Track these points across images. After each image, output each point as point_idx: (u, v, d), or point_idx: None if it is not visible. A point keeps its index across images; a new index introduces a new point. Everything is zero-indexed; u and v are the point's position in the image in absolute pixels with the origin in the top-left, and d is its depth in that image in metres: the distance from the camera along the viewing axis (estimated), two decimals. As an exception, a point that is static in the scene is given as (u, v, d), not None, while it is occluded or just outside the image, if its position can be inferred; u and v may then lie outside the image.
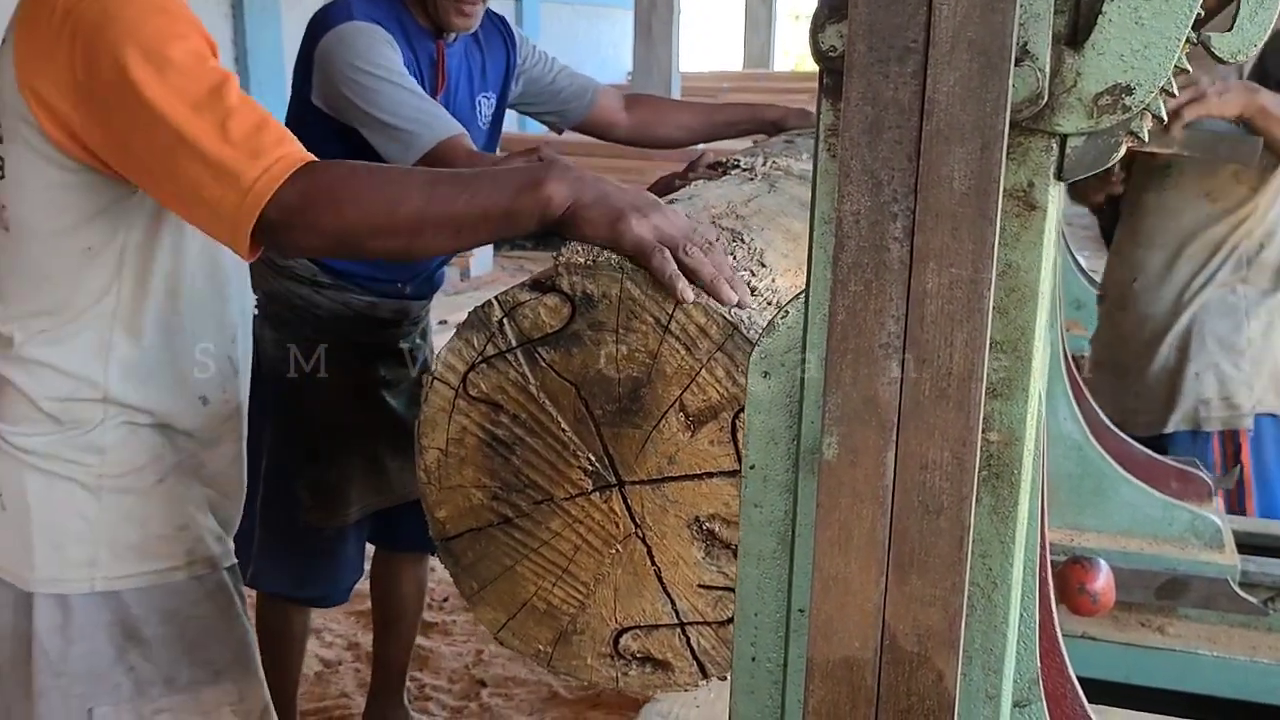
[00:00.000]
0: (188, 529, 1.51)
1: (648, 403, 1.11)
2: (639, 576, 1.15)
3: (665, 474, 1.11)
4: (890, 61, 0.75)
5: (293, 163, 1.21)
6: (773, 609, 0.98)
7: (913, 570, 0.79)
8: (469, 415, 1.16)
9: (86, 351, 1.39)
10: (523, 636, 1.22)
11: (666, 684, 1.17)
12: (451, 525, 1.21)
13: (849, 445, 0.79)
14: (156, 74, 1.22)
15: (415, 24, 2.30)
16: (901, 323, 0.77)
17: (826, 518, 0.80)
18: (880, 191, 0.76)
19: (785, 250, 1.31)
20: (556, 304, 1.12)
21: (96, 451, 1.42)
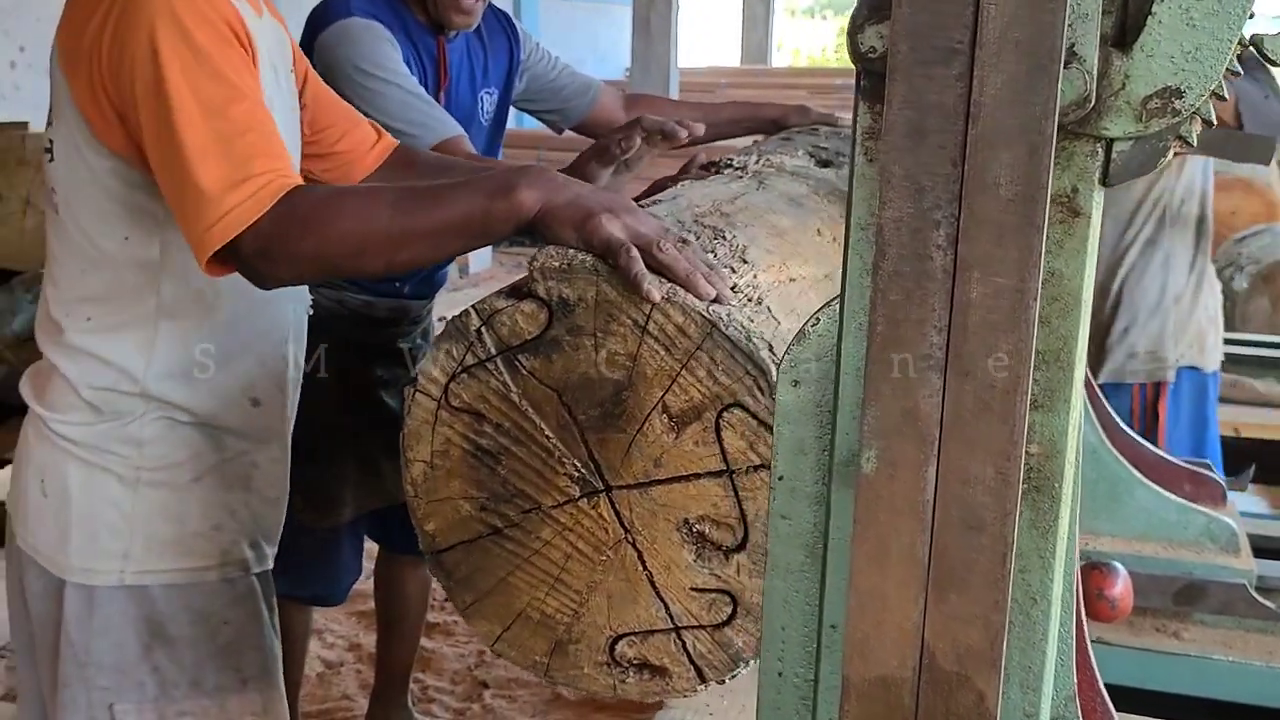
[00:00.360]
0: (223, 530, 1.49)
1: (630, 406, 1.09)
2: (632, 582, 1.13)
3: (652, 477, 1.10)
4: (934, 63, 0.72)
5: (274, 191, 1.21)
6: (800, 623, 0.96)
7: (952, 588, 0.77)
8: (452, 426, 1.16)
9: (129, 345, 1.39)
10: (519, 647, 1.21)
11: (664, 690, 1.16)
12: (441, 538, 1.20)
13: (888, 459, 0.77)
14: (183, 61, 1.23)
15: (415, 21, 2.27)
16: (944, 334, 0.75)
17: (864, 533, 0.78)
18: (922, 198, 0.74)
19: (769, 246, 1.29)
20: (533, 310, 1.11)
21: (135, 444, 1.42)
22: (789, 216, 1.45)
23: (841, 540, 0.86)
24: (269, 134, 1.26)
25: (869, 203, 0.83)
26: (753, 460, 1.05)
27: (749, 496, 1.06)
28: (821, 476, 0.94)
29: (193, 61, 1.23)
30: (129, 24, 1.24)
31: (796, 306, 1.19)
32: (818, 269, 1.35)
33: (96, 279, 1.38)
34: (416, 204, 1.21)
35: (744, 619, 1.09)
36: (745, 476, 1.06)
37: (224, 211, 1.20)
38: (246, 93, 1.26)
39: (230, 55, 1.26)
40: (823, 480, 0.94)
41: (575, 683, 1.20)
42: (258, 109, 1.27)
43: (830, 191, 1.67)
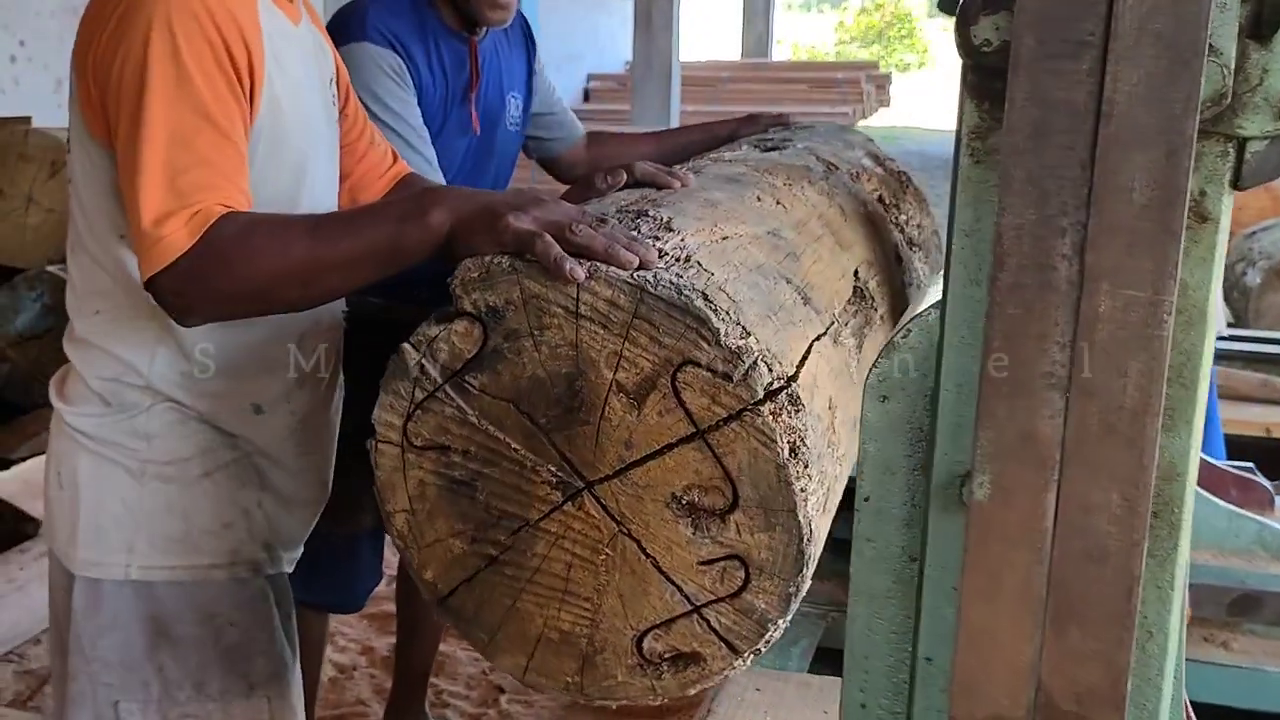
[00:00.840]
0: (233, 528, 1.45)
1: (586, 395, 1.06)
2: (638, 574, 1.09)
3: (627, 461, 1.05)
4: (1063, 57, 0.67)
5: (202, 222, 1.20)
6: (885, 653, 0.91)
7: (1072, 623, 0.71)
8: (421, 466, 1.14)
9: (134, 340, 1.38)
10: (547, 673, 1.16)
11: (703, 676, 1.11)
12: (442, 583, 1.17)
13: (1002, 485, 0.71)
14: (165, 79, 1.23)
15: (442, 25, 2.18)
16: (1067, 350, 0.69)
17: (975, 564, 0.72)
18: (1047, 203, 0.68)
19: (699, 215, 1.25)
20: (466, 327, 1.09)
21: (142, 437, 1.40)
22: (724, 192, 1.41)
23: (940, 568, 0.81)
24: (228, 165, 1.25)
25: (974, 208, 0.78)
26: (719, 414, 1.01)
27: (727, 453, 1.01)
28: (911, 498, 0.88)
29: (174, 82, 1.23)
30: (126, 28, 1.24)
31: (732, 260, 1.15)
32: (756, 227, 1.31)
33: (103, 273, 1.37)
34: (329, 232, 1.21)
35: (759, 579, 1.04)
36: (717, 433, 1.02)
37: (156, 240, 1.20)
38: (219, 122, 1.25)
39: (214, 79, 1.25)
40: (913, 502, 0.88)
41: (612, 694, 1.15)
42: (225, 142, 1.25)
43: (772, 166, 1.62)
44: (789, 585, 1.02)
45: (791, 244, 1.33)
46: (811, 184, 1.61)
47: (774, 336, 1.06)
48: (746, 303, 1.07)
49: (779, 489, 1.00)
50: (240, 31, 1.28)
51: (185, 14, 1.24)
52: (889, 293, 1.55)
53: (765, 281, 1.16)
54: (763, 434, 0.99)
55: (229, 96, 1.26)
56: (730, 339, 1.00)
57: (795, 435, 1.00)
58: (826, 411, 1.10)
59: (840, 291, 1.35)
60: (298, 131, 1.40)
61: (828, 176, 1.70)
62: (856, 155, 1.98)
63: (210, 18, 1.25)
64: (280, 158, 1.36)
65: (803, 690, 1.68)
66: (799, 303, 1.19)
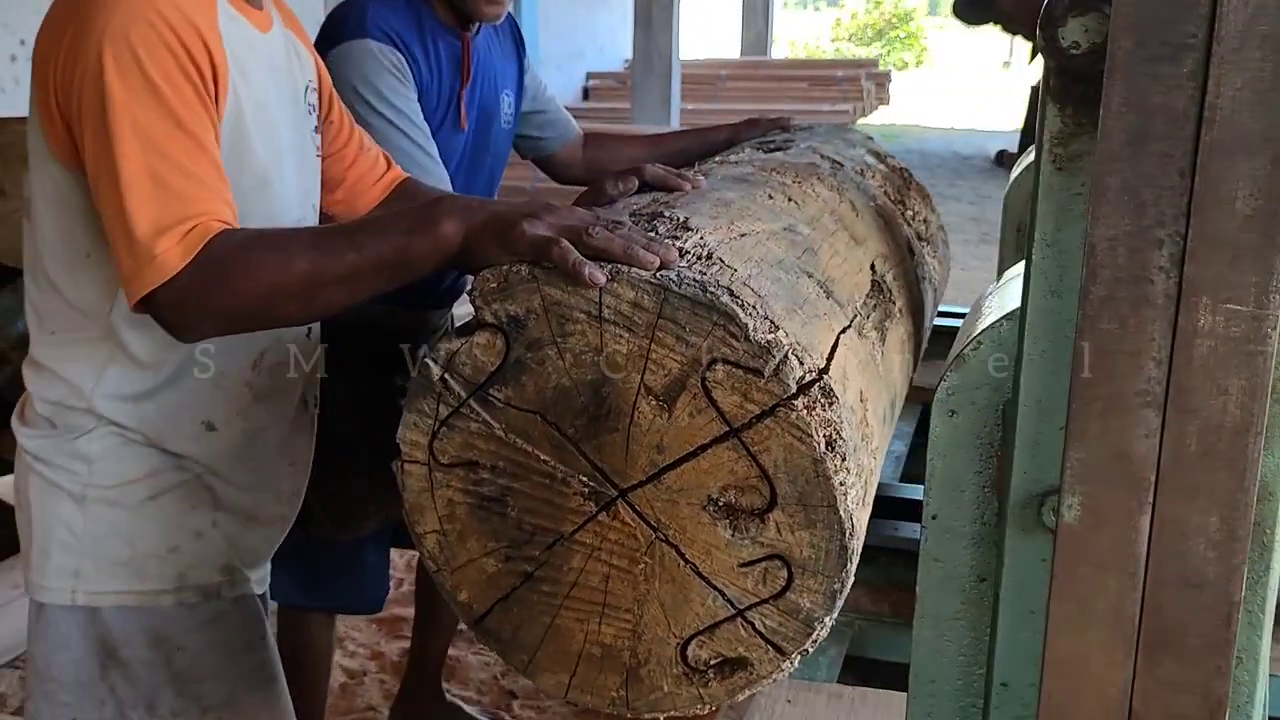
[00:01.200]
0: (181, 552, 1.41)
1: (613, 401, 1.03)
2: (679, 581, 1.06)
3: (660, 465, 1.02)
4: (1162, 60, 0.64)
5: (199, 237, 1.17)
6: (953, 676, 0.88)
7: (1167, 652, 0.68)
8: (450, 485, 1.11)
9: (82, 361, 1.33)
10: (592, 690, 1.13)
11: (751, 681, 1.08)
12: (478, 604, 1.14)
13: (1094, 508, 0.68)
14: (128, 87, 1.18)
15: (438, 22, 2.15)
16: (1164, 367, 0.66)
17: (1063, 589, 0.69)
18: (1143, 213, 0.65)
19: (713, 214, 1.22)
20: (488, 339, 1.06)
21: (84, 460, 1.36)
22: (735, 191, 1.38)
23: (1017, 590, 0.78)
24: (208, 175, 1.20)
25: (1056, 217, 0.75)
26: (751, 411, 0.98)
27: (762, 450, 0.98)
28: (981, 516, 0.85)
29: (139, 90, 1.18)
30: (82, 37, 1.19)
31: (753, 255, 1.12)
32: (772, 224, 1.28)
33: (59, 295, 1.32)
34: (332, 243, 1.18)
35: (803, 578, 1.01)
36: (751, 430, 0.99)
37: (150, 257, 1.16)
38: (192, 130, 1.20)
39: (181, 87, 1.20)
40: (982, 520, 0.85)
41: (660, 707, 1.12)
42: (201, 152, 1.21)
43: (780, 166, 1.60)
44: (833, 582, 0.99)
45: (808, 239, 1.30)
46: (821, 180, 1.58)
47: (801, 330, 1.03)
48: (772, 297, 1.04)
49: (817, 484, 0.97)
50: (200, 37, 1.23)
51: (140, 23, 1.20)
52: (905, 286, 1.53)
53: (787, 276, 1.14)
54: (797, 428, 0.96)
55: (197, 103, 1.22)
56: (759, 334, 0.97)
57: (831, 428, 0.97)
58: (859, 404, 1.07)
59: (860, 285, 1.33)
60: (261, 142, 1.36)
61: (835, 173, 1.68)
62: (859, 153, 1.95)
63: (167, 24, 1.21)
64: (241, 169, 1.32)
65: (834, 702, 1.65)
66: (821, 296, 1.16)
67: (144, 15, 1.20)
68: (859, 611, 1.98)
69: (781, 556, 1.01)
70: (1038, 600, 0.77)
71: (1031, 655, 0.78)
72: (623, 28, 12.60)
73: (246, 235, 1.19)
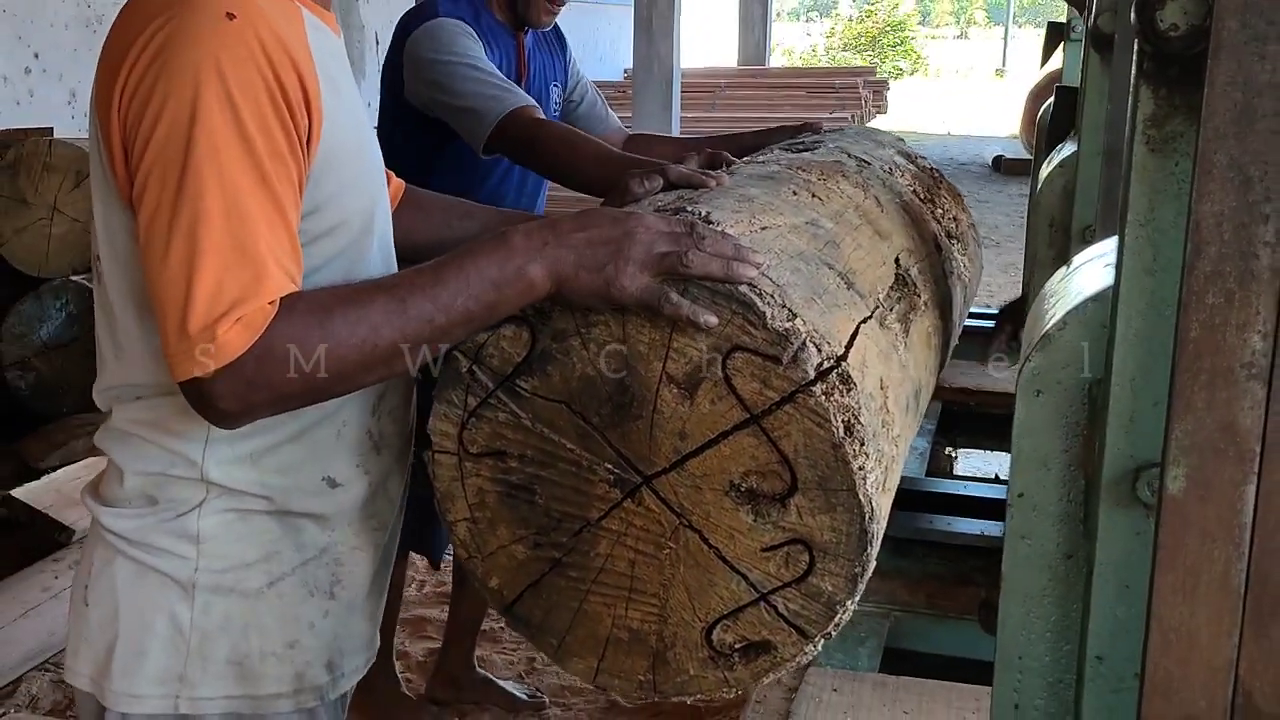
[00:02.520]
0: (299, 648, 1.24)
1: (636, 389, 1.06)
2: (703, 566, 1.09)
3: (683, 452, 1.05)
4: (1269, 39, 0.65)
5: (266, 316, 1.03)
6: (1041, 653, 0.89)
7: (1275, 621, 0.70)
8: (479, 474, 1.14)
9: (183, 422, 1.16)
10: (620, 674, 1.16)
11: (775, 665, 1.10)
12: (508, 590, 1.17)
13: (1199, 479, 0.70)
14: (214, 137, 1.03)
15: (494, 20, 2.34)
16: (1270, 340, 0.68)
17: (1170, 560, 0.71)
18: (1250, 189, 0.67)
19: (736, 209, 1.25)
20: (514, 331, 1.09)
21: (193, 540, 1.19)
22: (760, 188, 1.40)
23: (1112, 566, 0.79)
24: (282, 246, 1.06)
25: (1150, 197, 0.76)
26: (771, 398, 1.01)
27: (782, 436, 1.01)
28: (1067, 494, 0.87)
29: (229, 137, 1.04)
30: (164, 71, 1.04)
31: (773, 247, 1.15)
32: (794, 218, 1.31)
33: (142, 354, 1.17)
34: (419, 309, 1.07)
35: (824, 562, 1.03)
36: (771, 417, 1.02)
37: (209, 337, 1.01)
38: (275, 186, 1.06)
39: (273, 134, 1.06)
40: (1068, 498, 0.87)
41: (686, 690, 1.14)
42: (278, 214, 1.06)
43: (805, 164, 1.62)
44: (854, 565, 1.02)
45: (830, 233, 1.32)
46: (846, 178, 1.61)
47: (820, 319, 1.06)
48: (790, 287, 1.07)
49: (837, 468, 0.99)
50: (294, 65, 1.08)
51: (239, 55, 1.04)
52: (931, 280, 1.55)
53: (807, 267, 1.16)
54: (816, 414, 0.99)
55: (287, 156, 1.07)
56: (777, 322, 1.00)
57: (849, 414, 1.00)
58: (879, 391, 1.10)
59: (882, 278, 1.35)
60: (362, 164, 1.22)
61: (861, 171, 1.71)
62: (888, 153, 1.98)
63: (266, 57, 1.06)
64: (350, 198, 1.19)
65: (879, 690, 1.66)
66: (842, 287, 1.19)
67: (243, 45, 1.05)
68: (896, 603, 2.00)
69: (803, 540, 1.03)
70: (1132, 574, 0.79)
71: (1127, 629, 0.79)
72: (622, 38, 12.63)
73: (312, 306, 1.05)
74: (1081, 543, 0.85)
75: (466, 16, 2.26)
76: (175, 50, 1.04)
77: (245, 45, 1.04)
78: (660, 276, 1.04)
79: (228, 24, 1.04)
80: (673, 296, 1.02)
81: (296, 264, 1.08)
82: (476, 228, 1.49)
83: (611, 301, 1.05)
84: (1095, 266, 0.92)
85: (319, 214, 1.13)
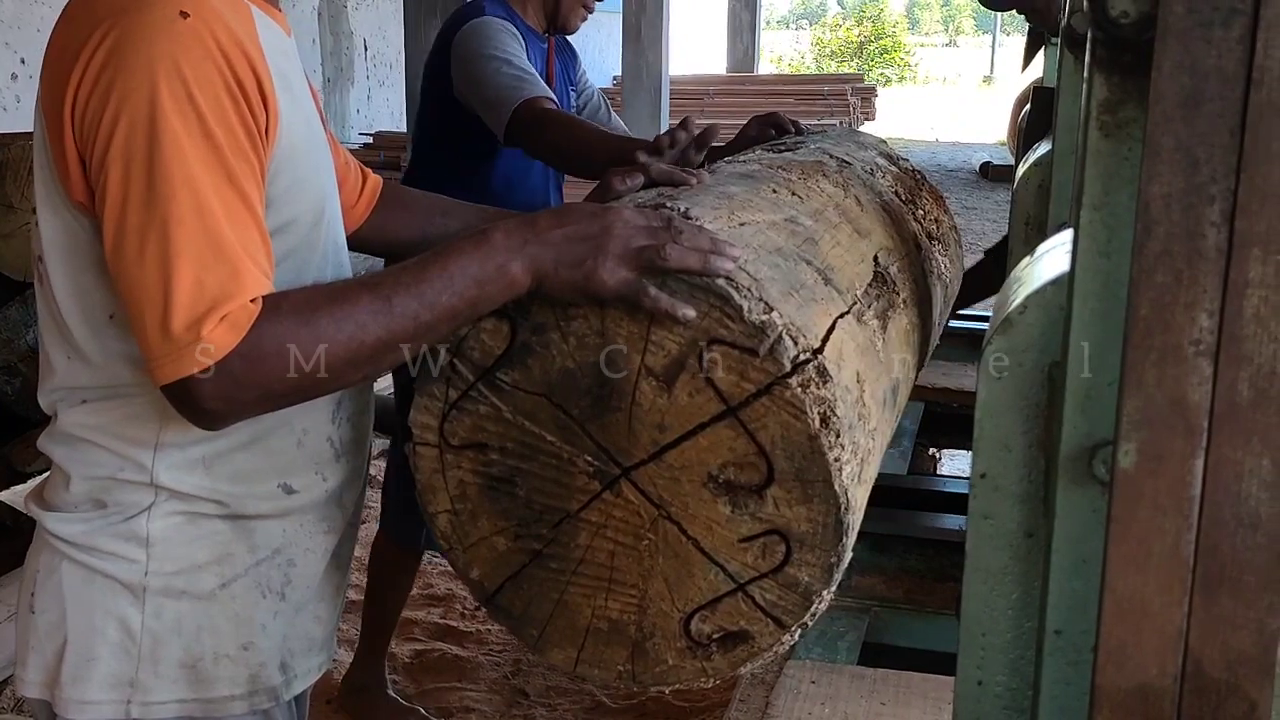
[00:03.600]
0: (253, 649, 1.23)
1: (615, 381, 1.07)
2: (681, 557, 1.11)
3: (661, 444, 1.07)
4: (1214, 25, 0.67)
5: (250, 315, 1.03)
6: (1004, 629, 0.91)
7: (1223, 589, 0.72)
8: (460, 466, 1.15)
9: (132, 425, 1.15)
10: (599, 664, 1.18)
11: (752, 654, 1.12)
12: (489, 581, 1.19)
13: (1150, 453, 0.72)
14: (177, 133, 1.02)
15: (525, 24, 2.48)
16: (1216, 317, 0.70)
17: (1122, 533, 0.73)
18: (1197, 170, 0.69)
19: (715, 205, 1.26)
20: (494, 324, 1.11)
21: (141, 543, 1.17)
22: (740, 186, 1.42)
23: (1069, 541, 0.81)
24: (252, 242, 1.06)
25: (1104, 181, 0.78)
26: (748, 390, 1.03)
27: (759, 427, 1.03)
28: (1028, 474, 0.89)
29: (195, 136, 1.03)
30: (120, 71, 1.03)
31: (751, 243, 1.16)
32: (773, 215, 1.32)
33: (87, 358, 1.15)
34: (403, 306, 1.07)
35: (800, 552, 1.06)
36: (748, 408, 1.04)
37: (194, 338, 1.01)
38: (241, 183, 1.06)
39: (234, 130, 1.06)
40: (1029, 478, 0.89)
41: (665, 679, 1.16)
42: (245, 210, 1.06)
43: (786, 164, 1.64)
44: (830, 555, 1.04)
45: (809, 230, 1.34)
46: (826, 177, 1.63)
47: (797, 312, 1.08)
48: (768, 281, 1.09)
49: (813, 459, 1.02)
50: (249, 61, 1.08)
51: (196, 53, 1.04)
52: (910, 278, 1.57)
53: (785, 263, 1.18)
54: (793, 406, 1.01)
55: (249, 151, 1.07)
56: (754, 315, 1.01)
57: (825, 406, 1.02)
58: (855, 384, 1.12)
59: (861, 274, 1.37)
60: (313, 161, 1.22)
61: (842, 170, 1.73)
62: (870, 155, 2.00)
63: (222, 53, 1.05)
64: (301, 195, 1.19)
65: (858, 681, 1.68)
66: (820, 282, 1.21)
67: (199, 43, 1.04)
68: (876, 599, 2.02)
69: (780, 531, 1.05)
70: (1089, 549, 0.80)
71: (1083, 603, 0.81)
72: (610, 46, 12.66)
73: (298, 304, 1.06)
74: (1042, 522, 0.87)
75: (506, 17, 2.42)
76: (130, 51, 1.03)
77: (201, 43, 1.04)
78: (639, 271, 1.05)
79: (182, 23, 1.04)
80: (651, 290, 1.04)
81: (269, 261, 1.08)
82: (457, 225, 1.51)
83: (591, 296, 1.06)
84: (1058, 252, 0.94)
85: (272, 209, 1.13)
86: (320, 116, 1.30)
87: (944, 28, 68.49)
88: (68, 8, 1.11)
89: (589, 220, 1.10)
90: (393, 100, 10.35)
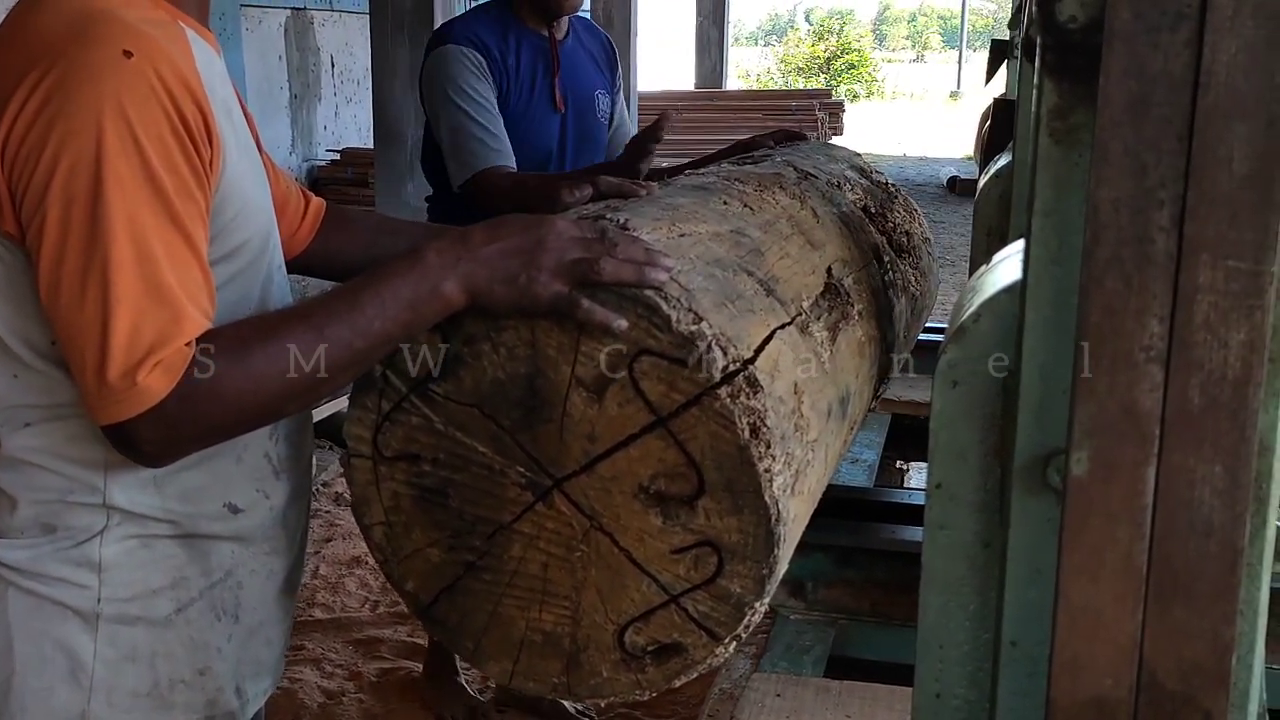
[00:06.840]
0: (209, 674, 1.21)
1: (546, 393, 1.07)
2: (614, 568, 1.10)
3: (592, 455, 1.07)
4: (1161, 29, 0.67)
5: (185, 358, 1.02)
6: (961, 640, 0.90)
7: (1176, 599, 0.71)
8: (394, 478, 1.16)
9: (80, 445, 1.13)
10: (534, 676, 1.17)
11: (686, 666, 1.12)
12: (424, 593, 1.18)
13: (1103, 460, 0.71)
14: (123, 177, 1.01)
15: (521, 25, 2.51)
16: (1167, 323, 0.69)
17: (1075, 541, 0.72)
18: (1145, 176, 0.68)
19: (657, 216, 1.27)
20: (427, 336, 1.11)
21: (92, 568, 1.14)
22: (689, 198, 1.42)
23: (1025, 552, 0.80)
24: (193, 284, 1.06)
25: (1054, 188, 0.78)
26: (678, 400, 1.03)
27: (689, 438, 1.03)
28: (984, 484, 0.88)
29: (138, 178, 1.02)
30: (62, 108, 1.01)
31: (688, 253, 1.16)
32: (718, 226, 1.32)
33: (28, 381, 1.13)
34: (337, 334, 1.07)
35: (732, 564, 1.05)
36: (677, 419, 1.03)
37: (129, 384, 1.01)
38: (184, 224, 1.05)
39: (178, 169, 1.04)
40: (985, 487, 0.88)
41: (600, 692, 1.16)
42: (188, 251, 1.05)
43: (744, 175, 1.64)
44: (762, 567, 1.03)
45: (756, 241, 1.34)
46: (784, 189, 1.63)
47: (729, 323, 1.07)
48: (700, 291, 1.08)
49: (742, 470, 1.01)
50: (194, 98, 1.07)
51: (140, 93, 1.02)
52: (868, 290, 1.57)
53: (723, 273, 1.18)
54: (722, 416, 1.00)
55: (195, 189, 1.06)
56: (682, 325, 1.01)
57: (755, 416, 1.02)
58: (791, 395, 1.11)
59: (810, 286, 1.37)
60: (255, 184, 1.20)
61: (800, 183, 1.72)
62: (839, 168, 2.00)
63: (167, 92, 1.04)
64: (249, 220, 1.18)
65: (823, 695, 1.67)
66: (760, 293, 1.20)
67: (143, 82, 1.02)
68: (842, 611, 2.01)
69: (711, 542, 1.05)
70: (1044, 559, 0.80)
71: (1039, 613, 0.80)
72: (579, 60, 12.65)
73: (231, 343, 1.05)
74: (999, 532, 0.86)
75: (487, 31, 2.44)
76: (72, 90, 1.01)
77: (146, 82, 1.02)
78: (573, 284, 1.04)
79: (126, 62, 1.02)
80: (584, 303, 1.03)
81: (211, 300, 1.08)
82: (404, 243, 1.48)
83: (526, 310, 1.06)
84: (1012, 260, 0.93)
85: (222, 238, 1.13)
86: (255, 140, 1.28)
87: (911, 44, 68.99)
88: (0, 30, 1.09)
89: (523, 234, 1.09)
90: (360, 117, 10.30)
